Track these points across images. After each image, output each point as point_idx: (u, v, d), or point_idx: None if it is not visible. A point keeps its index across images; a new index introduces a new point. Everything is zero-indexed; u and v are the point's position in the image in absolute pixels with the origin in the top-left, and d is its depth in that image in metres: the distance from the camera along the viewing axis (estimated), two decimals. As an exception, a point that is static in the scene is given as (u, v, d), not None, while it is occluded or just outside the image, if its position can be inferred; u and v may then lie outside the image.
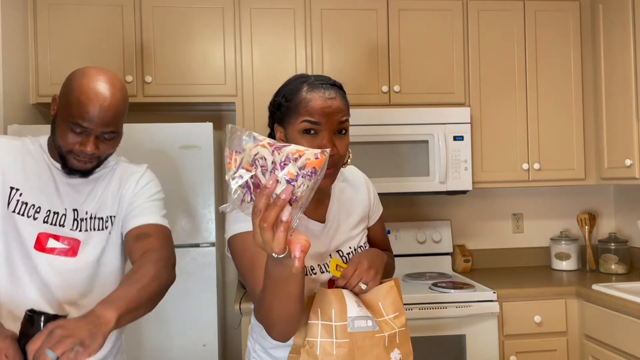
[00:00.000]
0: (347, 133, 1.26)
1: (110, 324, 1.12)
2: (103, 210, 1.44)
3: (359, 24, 2.74)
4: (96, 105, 1.30)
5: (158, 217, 1.47)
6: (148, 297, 1.27)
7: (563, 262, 2.99)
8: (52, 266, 1.36)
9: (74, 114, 1.30)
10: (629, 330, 2.19)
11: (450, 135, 2.69)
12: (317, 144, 1.20)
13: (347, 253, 1.36)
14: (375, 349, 1.19)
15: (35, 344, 1.01)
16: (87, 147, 1.32)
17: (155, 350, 2.32)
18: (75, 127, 1.31)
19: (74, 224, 1.40)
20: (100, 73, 1.35)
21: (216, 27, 2.66)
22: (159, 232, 1.44)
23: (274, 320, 1.09)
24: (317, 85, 1.25)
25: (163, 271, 1.34)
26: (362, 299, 1.25)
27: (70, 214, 1.40)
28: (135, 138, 2.33)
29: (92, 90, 1.31)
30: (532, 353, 2.49)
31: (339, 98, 1.25)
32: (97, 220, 1.43)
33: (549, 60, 2.86)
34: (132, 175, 1.50)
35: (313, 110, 1.21)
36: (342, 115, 1.24)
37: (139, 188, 1.48)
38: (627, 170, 2.60)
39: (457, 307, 2.41)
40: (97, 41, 2.58)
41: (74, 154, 1.35)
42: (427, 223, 3.04)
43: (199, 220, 2.36)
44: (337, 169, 1.24)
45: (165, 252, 1.40)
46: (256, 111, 2.66)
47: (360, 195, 1.44)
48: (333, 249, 1.34)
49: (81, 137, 1.33)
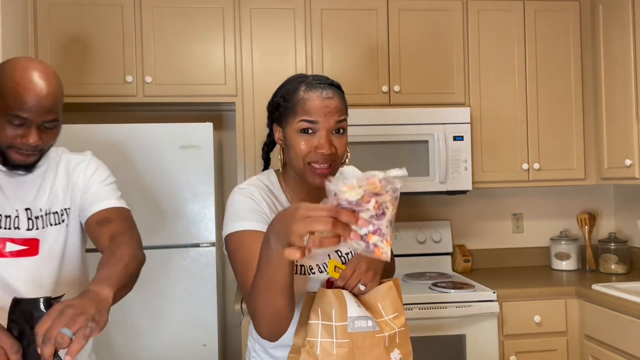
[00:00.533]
0: (345, 132, 1.27)
1: (109, 300, 1.12)
2: (56, 204, 1.42)
3: (359, 24, 2.74)
4: (33, 94, 1.25)
5: (114, 200, 1.46)
6: (131, 275, 1.28)
7: (563, 262, 2.99)
8: (15, 268, 1.34)
9: (11, 106, 1.25)
10: (629, 330, 2.19)
11: (450, 135, 2.69)
12: (315, 143, 1.22)
13: (345, 253, 1.36)
14: (375, 349, 1.19)
15: (44, 325, 1.00)
16: (29, 138, 1.28)
17: (155, 350, 2.32)
18: (14, 120, 1.27)
19: (29, 224, 1.37)
20: (32, 62, 1.31)
21: (216, 27, 2.66)
22: (120, 214, 1.44)
23: (261, 314, 1.09)
24: (315, 84, 1.26)
25: (138, 251, 1.36)
26: (361, 300, 1.25)
27: (22, 215, 1.37)
28: (135, 138, 2.33)
29: (27, 79, 1.26)
30: (532, 353, 2.49)
31: (337, 97, 1.26)
32: (52, 215, 1.41)
33: (549, 60, 2.86)
34: (79, 164, 1.48)
35: (310, 109, 1.22)
36: (340, 115, 1.25)
37: (89, 175, 1.47)
38: (627, 170, 2.60)
39: (457, 307, 2.41)
40: (97, 41, 2.58)
41: (16, 148, 1.30)
42: (427, 223, 3.04)
43: (199, 220, 2.36)
44: (334, 167, 1.25)
45: (133, 234, 1.41)
46: (256, 111, 2.66)
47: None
48: (332, 250, 1.34)
49: (21, 129, 1.28)
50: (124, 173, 2.27)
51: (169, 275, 2.33)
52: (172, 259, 2.34)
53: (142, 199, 2.32)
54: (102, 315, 1.07)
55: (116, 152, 2.30)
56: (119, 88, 2.59)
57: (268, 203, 1.29)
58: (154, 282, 2.32)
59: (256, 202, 1.27)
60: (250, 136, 2.66)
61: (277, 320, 1.10)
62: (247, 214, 1.24)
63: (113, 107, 2.80)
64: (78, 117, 2.90)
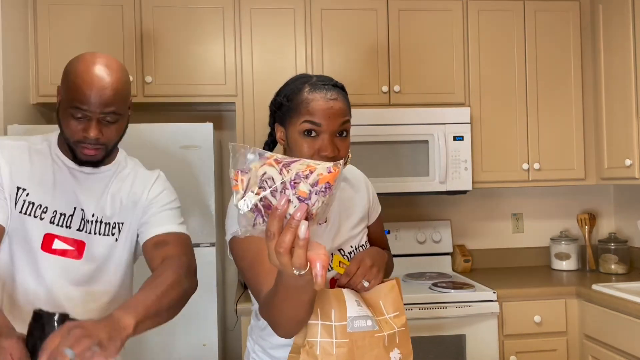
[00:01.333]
0: (348, 135, 1.26)
1: (128, 330, 1.10)
2: (111, 216, 1.42)
3: (359, 24, 2.74)
4: (93, 86, 1.27)
5: (175, 225, 1.45)
6: (168, 304, 1.24)
7: (563, 262, 2.99)
8: (57, 267, 1.35)
9: (72, 99, 1.28)
10: (628, 330, 2.19)
11: (450, 135, 2.69)
12: (318, 145, 1.21)
13: (348, 252, 1.36)
14: (375, 349, 1.19)
15: (53, 342, 1.00)
16: (90, 132, 1.29)
17: (155, 350, 2.31)
18: (76, 112, 1.28)
19: (80, 224, 1.38)
20: (96, 56, 1.32)
21: (216, 27, 2.66)
22: (178, 239, 1.43)
23: (283, 323, 1.09)
24: (319, 85, 1.24)
25: (184, 278, 1.32)
26: (364, 297, 1.25)
27: (77, 214, 1.38)
28: (136, 138, 2.33)
29: (88, 72, 1.28)
30: (532, 353, 2.49)
31: (341, 99, 1.24)
32: (103, 225, 1.41)
33: (549, 60, 2.86)
34: (143, 183, 1.47)
35: (314, 111, 1.21)
36: (344, 117, 1.23)
37: (153, 196, 1.46)
38: (627, 170, 2.60)
39: (457, 307, 2.41)
40: (97, 41, 2.58)
41: (81, 142, 1.32)
42: (427, 223, 3.04)
43: (199, 220, 2.36)
44: None
45: (185, 259, 1.38)
46: (256, 111, 2.66)
47: (360, 195, 1.44)
48: (335, 248, 1.34)
49: (83, 122, 1.30)
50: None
51: (169, 275, 2.33)
52: (172, 259, 2.34)
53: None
54: (113, 343, 1.05)
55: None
56: (119, 88, 2.59)
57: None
58: (154, 282, 2.31)
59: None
60: (250, 136, 2.66)
61: (300, 324, 1.11)
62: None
63: (113, 107, 2.79)
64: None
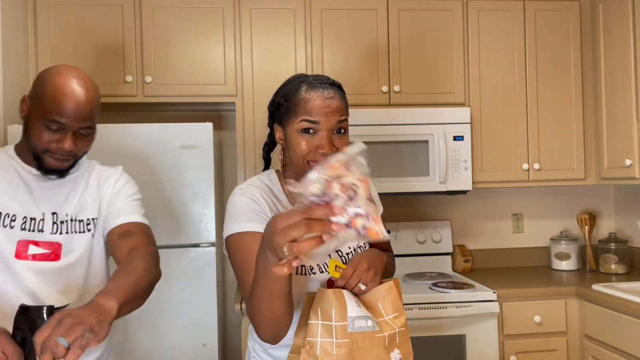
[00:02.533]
0: (346, 132, 1.28)
1: (112, 313, 1.12)
2: (83, 213, 1.44)
3: (359, 24, 2.74)
4: (72, 100, 1.31)
5: (139, 215, 1.48)
6: (142, 290, 1.27)
7: (563, 262, 2.99)
8: (35, 272, 1.35)
9: (49, 111, 1.30)
10: (629, 330, 2.19)
11: (450, 135, 2.69)
12: (316, 143, 1.23)
13: (346, 253, 1.36)
14: (375, 349, 1.19)
15: (43, 334, 1.00)
16: (64, 143, 1.33)
17: (155, 350, 2.32)
18: (52, 124, 1.31)
19: (53, 228, 1.39)
20: (72, 70, 1.36)
21: (216, 27, 2.66)
22: (142, 229, 1.46)
23: (261, 319, 1.09)
24: (316, 84, 1.26)
25: (153, 266, 1.36)
26: (362, 300, 1.25)
27: (48, 218, 1.39)
28: (136, 138, 2.33)
29: (67, 86, 1.31)
30: (532, 353, 2.49)
31: (338, 97, 1.26)
32: (77, 222, 1.43)
33: (549, 60, 2.86)
34: (109, 177, 1.50)
35: (312, 109, 1.23)
36: (341, 115, 1.25)
37: (118, 189, 1.49)
38: (627, 170, 2.60)
39: (457, 307, 2.41)
40: (97, 41, 2.58)
41: (51, 152, 1.34)
42: (427, 223, 3.04)
43: (199, 220, 2.36)
44: None
45: (151, 249, 1.42)
46: (256, 111, 2.66)
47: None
48: (333, 249, 1.34)
49: (58, 134, 1.32)
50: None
51: (169, 275, 2.33)
52: (172, 259, 2.34)
53: (142, 199, 2.32)
54: (102, 327, 1.06)
55: (116, 152, 2.30)
56: (119, 88, 2.59)
57: (269, 203, 1.29)
58: (154, 282, 2.32)
59: (257, 202, 1.26)
60: (250, 136, 2.66)
61: (278, 325, 1.11)
62: (247, 215, 1.24)
63: (113, 107, 2.79)
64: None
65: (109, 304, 1.12)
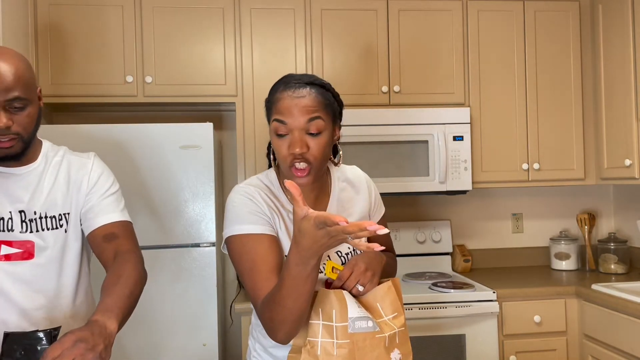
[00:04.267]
0: (321, 134, 1.22)
1: (113, 335, 1.14)
2: (53, 209, 1.39)
3: (359, 24, 2.75)
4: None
5: (118, 212, 1.45)
6: (135, 301, 1.30)
7: (563, 262, 2.99)
8: (8, 273, 1.32)
9: None
10: (628, 330, 2.20)
11: (450, 135, 2.70)
12: (287, 144, 1.21)
13: (345, 253, 1.36)
14: (375, 350, 1.19)
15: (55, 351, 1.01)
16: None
17: (155, 350, 2.32)
18: None
19: (22, 226, 1.35)
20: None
21: (216, 28, 2.66)
22: (125, 229, 1.44)
23: (285, 318, 1.11)
24: (292, 84, 1.24)
25: (143, 273, 1.38)
26: (360, 301, 1.25)
27: (16, 217, 1.35)
28: (136, 138, 2.33)
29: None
30: (532, 353, 2.50)
31: (311, 97, 1.22)
32: (48, 219, 1.38)
33: (549, 60, 2.87)
34: (81, 169, 1.45)
35: (281, 108, 1.22)
36: (311, 114, 1.20)
37: (93, 183, 1.44)
38: (626, 170, 2.61)
39: (457, 306, 2.41)
40: (97, 41, 2.58)
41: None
42: (427, 223, 3.04)
43: (199, 220, 2.36)
44: (314, 168, 1.23)
45: (139, 253, 1.42)
46: (256, 111, 2.66)
47: (360, 196, 1.44)
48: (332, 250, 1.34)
49: None
50: (124, 173, 2.27)
51: (169, 275, 2.34)
52: (172, 259, 2.34)
53: (142, 199, 2.33)
54: (108, 352, 1.09)
55: (116, 152, 2.30)
56: (119, 88, 2.59)
57: (268, 203, 1.29)
58: (154, 282, 2.32)
59: (256, 203, 1.27)
60: (250, 136, 2.66)
61: (298, 323, 1.13)
62: (248, 217, 1.24)
63: (113, 107, 2.80)
64: (78, 118, 2.91)
65: (111, 326, 1.14)
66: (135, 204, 2.30)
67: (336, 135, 1.31)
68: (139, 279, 1.34)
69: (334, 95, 1.29)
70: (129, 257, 1.37)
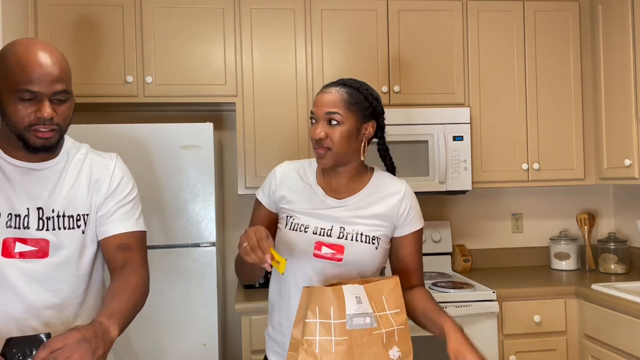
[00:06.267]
0: (338, 124, 1.42)
1: (113, 342, 1.14)
2: (72, 208, 1.36)
3: (359, 24, 2.75)
4: (38, 65, 1.23)
5: (134, 222, 1.43)
6: (135, 314, 1.33)
7: (562, 261, 3.00)
8: (21, 271, 1.30)
9: (19, 81, 1.22)
10: (628, 330, 2.20)
11: (450, 135, 2.70)
12: (314, 130, 1.44)
13: (347, 233, 1.44)
14: (374, 346, 1.20)
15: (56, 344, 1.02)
16: (43, 112, 1.24)
17: (156, 350, 2.32)
18: (25, 95, 1.23)
19: (39, 224, 1.32)
20: (32, 39, 1.29)
21: (216, 28, 2.67)
22: (139, 241, 1.43)
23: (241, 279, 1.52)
24: (327, 85, 1.48)
25: (146, 290, 1.40)
26: (367, 291, 1.26)
27: (33, 214, 1.32)
28: (136, 138, 2.34)
29: (31, 52, 1.24)
30: (532, 352, 2.50)
31: (334, 93, 1.44)
32: (66, 218, 1.35)
33: (549, 60, 2.87)
34: (103, 171, 1.42)
35: (315, 101, 1.47)
36: (331, 107, 1.42)
37: (113, 188, 1.42)
38: (626, 170, 2.61)
39: (457, 306, 2.41)
40: (97, 41, 2.58)
41: (33, 127, 1.26)
42: (426, 223, 3.04)
43: (199, 220, 2.37)
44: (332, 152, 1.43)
45: (147, 269, 1.44)
46: (256, 111, 2.66)
47: (390, 200, 1.50)
48: (337, 221, 1.45)
49: (33, 104, 1.25)
50: (124, 173, 2.27)
51: (169, 275, 2.34)
52: (172, 259, 2.35)
53: (143, 199, 2.33)
54: (106, 356, 1.11)
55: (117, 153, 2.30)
56: (119, 88, 2.59)
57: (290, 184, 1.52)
58: (154, 281, 2.32)
59: (275, 178, 1.54)
60: (250, 136, 2.66)
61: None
62: (265, 187, 1.56)
63: (114, 108, 2.80)
64: (78, 118, 2.91)
65: (114, 332, 1.15)
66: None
67: (367, 131, 1.48)
68: (144, 294, 1.36)
69: (365, 96, 1.46)
70: (139, 270, 1.38)
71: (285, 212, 1.50)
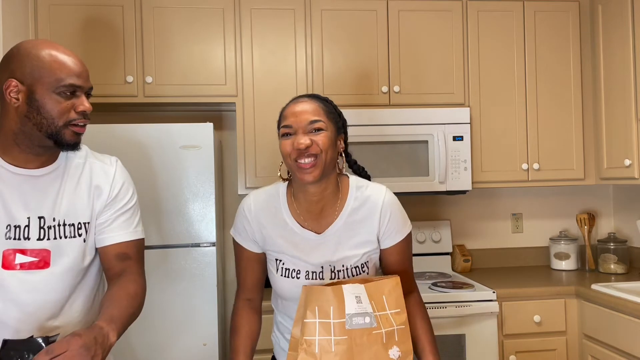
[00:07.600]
0: (322, 131, 1.33)
1: (111, 347, 1.16)
2: (73, 216, 1.34)
3: (359, 24, 2.75)
4: (73, 62, 1.28)
5: (133, 230, 1.42)
6: (131, 322, 1.32)
7: (562, 262, 3.00)
8: (23, 282, 1.27)
9: (61, 78, 1.24)
10: (628, 330, 2.20)
11: (450, 135, 2.70)
12: (292, 141, 1.33)
13: (338, 271, 1.38)
14: (373, 346, 1.20)
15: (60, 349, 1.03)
16: (85, 104, 1.28)
17: (156, 350, 2.32)
18: (68, 89, 1.25)
19: (40, 233, 1.29)
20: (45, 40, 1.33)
21: (216, 28, 2.67)
22: (138, 250, 1.43)
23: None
24: (296, 98, 1.39)
25: (142, 301, 1.39)
26: (367, 290, 1.26)
27: (34, 224, 1.29)
28: (136, 138, 2.34)
29: (60, 51, 1.27)
30: (532, 352, 2.50)
31: (311, 102, 1.35)
32: (67, 227, 1.33)
33: (549, 61, 2.87)
34: (102, 177, 1.40)
35: (287, 114, 1.36)
36: (312, 115, 1.33)
37: (113, 195, 1.40)
38: (626, 170, 2.61)
39: (457, 306, 2.41)
40: (97, 41, 2.59)
41: (72, 122, 1.27)
42: (426, 223, 3.04)
43: (199, 220, 2.37)
44: (320, 160, 1.32)
45: (144, 279, 1.44)
46: (256, 111, 2.67)
47: (370, 220, 1.42)
48: (324, 260, 1.38)
49: (73, 98, 1.27)
50: (124, 173, 2.27)
51: (169, 275, 2.34)
52: (172, 259, 2.35)
53: (143, 199, 2.33)
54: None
55: (116, 153, 2.31)
56: (119, 88, 2.59)
57: (264, 222, 1.43)
58: (154, 281, 2.32)
59: (248, 221, 1.44)
60: (250, 136, 2.66)
61: None
62: (240, 229, 1.46)
63: (114, 108, 2.80)
64: (78, 117, 2.90)
65: (112, 338, 1.16)
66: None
67: (340, 144, 1.40)
68: (141, 304, 1.37)
69: (334, 108, 1.40)
70: (137, 279, 1.38)
71: (273, 254, 1.43)
